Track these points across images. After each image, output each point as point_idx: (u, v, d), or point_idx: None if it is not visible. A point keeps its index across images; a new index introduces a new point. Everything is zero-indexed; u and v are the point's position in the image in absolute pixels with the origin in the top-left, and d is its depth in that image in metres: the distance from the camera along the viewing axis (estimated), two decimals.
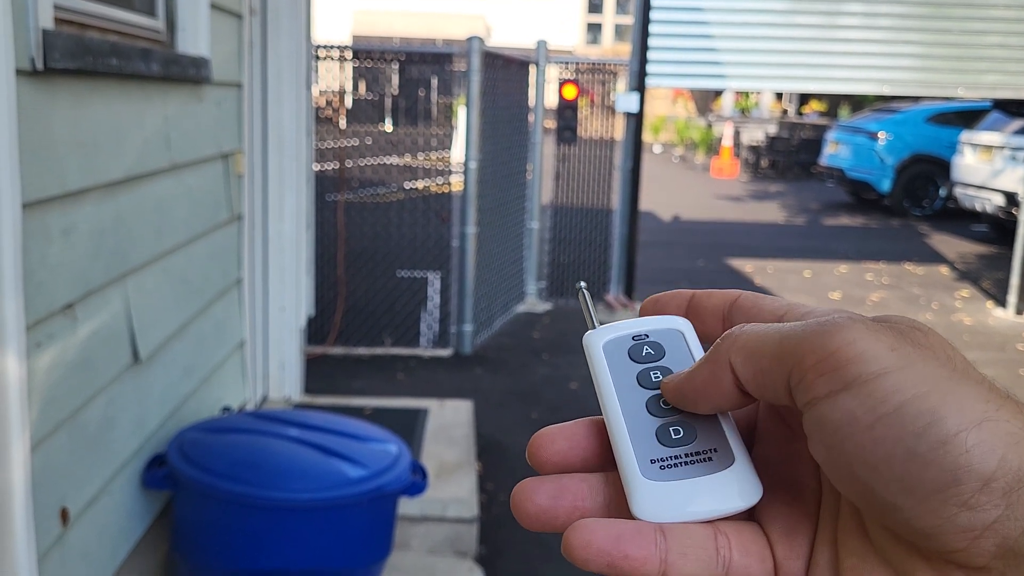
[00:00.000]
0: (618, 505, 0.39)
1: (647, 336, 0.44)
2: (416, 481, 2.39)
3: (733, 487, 0.38)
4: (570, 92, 6.61)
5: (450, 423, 4.11)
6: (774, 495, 0.40)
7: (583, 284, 0.48)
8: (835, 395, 0.34)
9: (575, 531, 0.36)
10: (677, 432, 0.40)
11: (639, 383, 0.42)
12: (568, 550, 0.36)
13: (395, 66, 6.37)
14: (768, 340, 0.36)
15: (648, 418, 0.41)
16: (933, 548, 0.32)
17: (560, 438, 0.41)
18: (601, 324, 0.45)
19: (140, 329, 2.30)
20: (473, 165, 5.57)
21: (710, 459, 0.39)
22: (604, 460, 0.42)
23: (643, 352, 0.43)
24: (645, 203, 7.99)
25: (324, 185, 5.73)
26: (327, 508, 2.18)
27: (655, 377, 0.42)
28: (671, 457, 0.39)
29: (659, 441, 0.40)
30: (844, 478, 0.34)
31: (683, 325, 0.44)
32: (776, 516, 0.39)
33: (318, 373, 4.88)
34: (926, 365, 0.33)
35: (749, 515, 0.39)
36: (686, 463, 0.39)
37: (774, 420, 0.42)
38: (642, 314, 0.45)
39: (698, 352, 0.43)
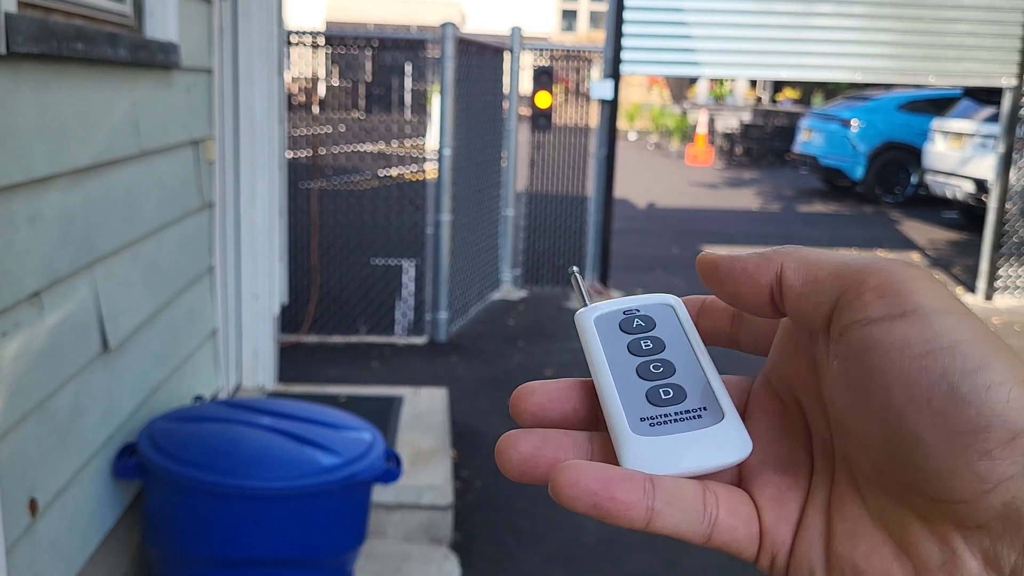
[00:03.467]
0: (602, 461, 0.39)
1: (638, 311, 0.45)
2: (390, 468, 2.38)
3: (723, 442, 0.39)
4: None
5: (425, 411, 4.11)
6: (765, 465, 0.40)
7: (575, 268, 0.49)
8: (891, 319, 0.34)
9: (563, 470, 0.36)
10: (667, 393, 0.41)
11: (629, 351, 0.43)
12: (555, 488, 0.36)
13: (368, 52, 6.32)
14: (830, 259, 0.37)
15: (638, 381, 0.41)
16: (937, 495, 0.33)
17: (541, 391, 0.42)
18: (591, 302, 0.46)
19: (109, 317, 2.27)
20: (447, 152, 5.55)
21: (699, 416, 0.40)
22: (586, 419, 0.42)
23: (634, 324, 0.44)
24: (620, 190, 8.00)
25: (297, 173, 5.69)
26: (300, 496, 2.18)
27: (645, 346, 0.43)
28: (661, 415, 0.40)
29: (649, 401, 0.40)
30: (874, 406, 0.34)
31: (674, 301, 0.45)
32: (766, 484, 0.39)
33: (292, 361, 4.85)
34: (981, 323, 0.34)
35: (739, 483, 0.40)
36: (676, 420, 0.40)
37: (767, 394, 0.42)
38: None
39: (689, 326, 0.44)
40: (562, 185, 6.96)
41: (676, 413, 0.40)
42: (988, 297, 7.11)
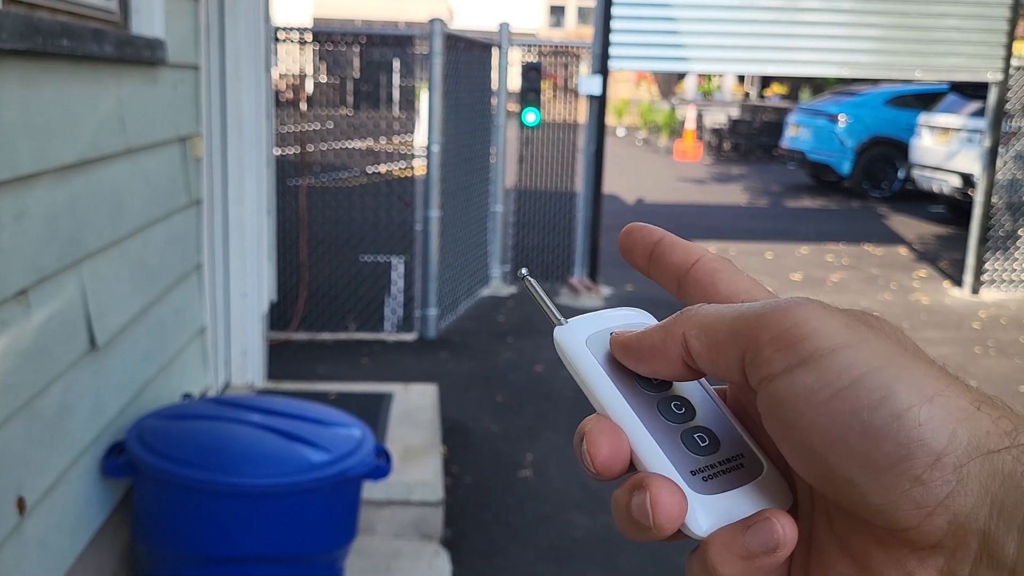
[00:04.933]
0: None
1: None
2: (380, 465, 2.38)
3: (769, 494, 0.38)
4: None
5: (415, 407, 4.11)
6: None
7: (525, 271, 0.44)
8: (791, 370, 0.34)
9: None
10: (703, 440, 0.39)
11: (640, 386, 0.40)
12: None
13: (356, 49, 6.30)
14: (724, 317, 0.37)
15: (667, 424, 0.39)
16: (887, 526, 0.33)
17: (603, 451, 0.38)
18: (563, 317, 0.42)
19: (97, 315, 2.26)
20: (436, 149, 5.55)
21: (742, 465, 0.39)
22: None
23: None
24: (609, 186, 8.01)
25: (285, 170, 5.67)
26: (290, 493, 2.17)
27: (655, 379, 0.40)
28: (708, 466, 0.38)
29: (689, 449, 0.39)
30: (801, 456, 0.35)
31: (650, 319, 0.43)
32: None
33: (281, 359, 4.84)
34: (879, 342, 0.34)
35: None
36: (723, 472, 0.38)
37: (752, 427, 0.42)
38: (620, 242, 0.44)
39: None
40: (551, 181, 6.97)
41: (720, 464, 0.39)
42: (975, 291, 7.15)
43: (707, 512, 0.37)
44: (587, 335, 0.42)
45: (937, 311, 6.73)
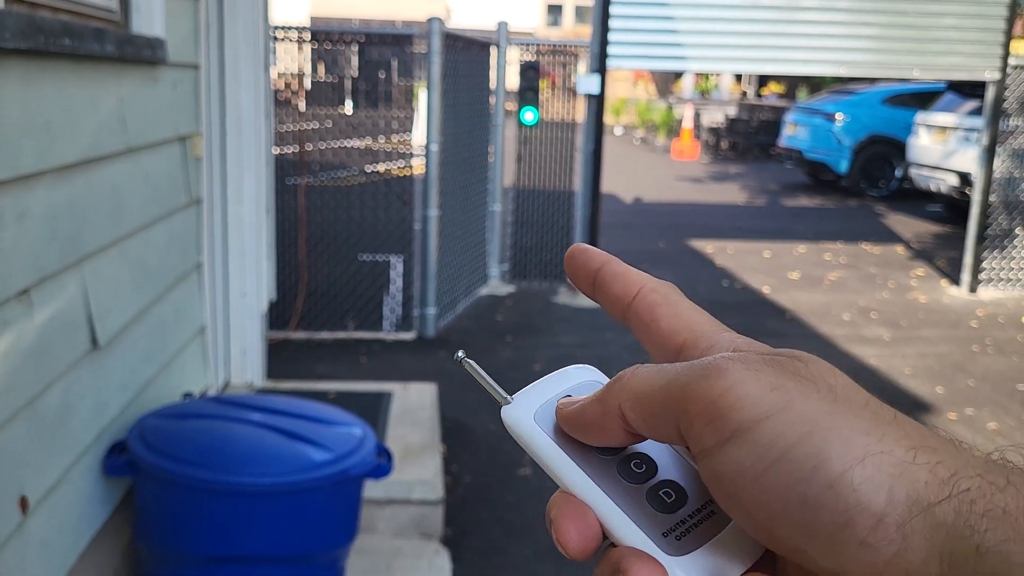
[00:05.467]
0: None
1: (570, 396, 0.41)
2: (381, 464, 2.39)
3: (745, 540, 0.37)
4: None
5: (414, 406, 4.11)
6: None
7: (462, 353, 0.42)
8: (722, 445, 0.34)
9: None
10: (669, 496, 0.38)
11: (597, 452, 0.39)
12: None
13: (355, 48, 6.30)
14: (655, 386, 0.36)
15: (630, 488, 0.38)
16: None
17: (573, 535, 0.37)
18: (509, 395, 0.41)
19: (98, 314, 2.27)
20: (435, 148, 5.55)
21: (713, 512, 0.38)
22: None
23: None
24: (607, 185, 8.01)
25: (284, 169, 5.67)
26: (292, 492, 2.17)
27: None
28: (680, 523, 0.37)
29: (657, 510, 0.38)
30: (749, 525, 0.34)
31: (596, 375, 0.43)
32: None
33: (281, 358, 4.84)
34: (806, 401, 0.34)
35: None
36: (696, 524, 0.38)
37: None
38: (567, 263, 0.43)
39: None
40: (549, 180, 6.97)
41: (691, 516, 0.38)
42: (972, 290, 7.16)
43: (687, 575, 0.36)
44: (534, 409, 0.41)
45: (935, 310, 6.75)
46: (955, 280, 7.52)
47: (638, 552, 0.36)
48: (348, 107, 6.19)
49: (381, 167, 6.32)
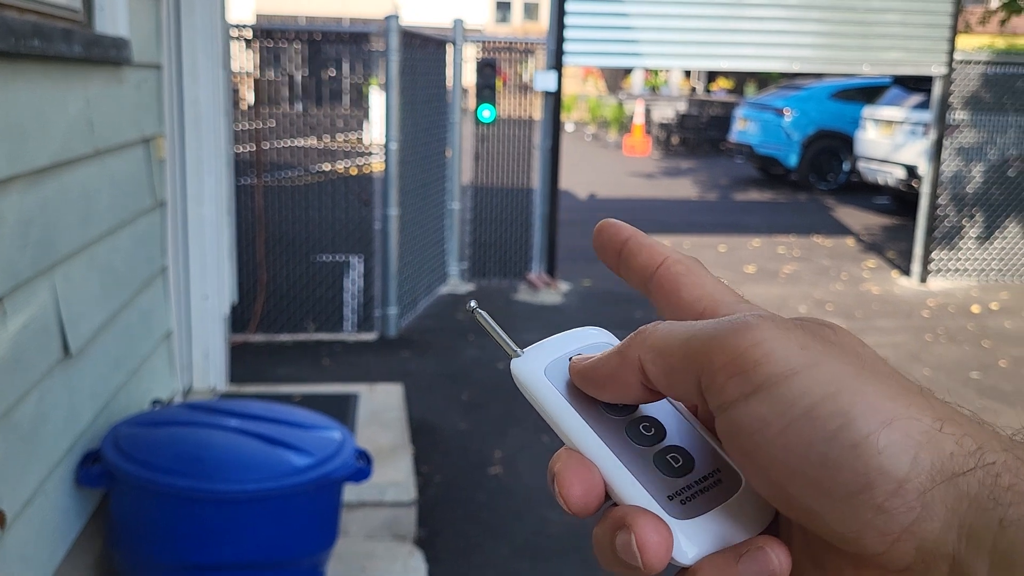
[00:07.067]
0: None
1: (581, 354, 0.41)
2: (361, 467, 2.37)
3: (750, 508, 0.37)
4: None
5: (382, 407, 4.08)
6: None
7: (474, 303, 0.41)
8: (746, 399, 0.33)
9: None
10: (676, 460, 0.38)
11: (606, 411, 0.39)
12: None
13: (308, 46, 6.23)
14: (678, 339, 0.36)
15: (638, 449, 0.38)
16: (854, 551, 0.32)
17: (575, 485, 0.37)
18: (519, 347, 0.41)
19: (69, 321, 2.21)
20: (394, 146, 5.51)
21: (720, 481, 0.38)
22: None
23: None
24: (561, 182, 8.03)
25: (238, 168, 5.59)
26: (275, 498, 2.15)
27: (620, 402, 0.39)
28: (685, 488, 0.37)
29: (664, 473, 0.37)
30: (763, 484, 0.34)
31: (608, 337, 0.42)
32: None
33: (242, 361, 4.78)
34: (835, 363, 0.33)
35: None
36: (702, 491, 0.37)
37: (708, 422, 0.41)
38: (593, 240, 0.43)
39: None
40: (507, 178, 6.97)
41: (697, 483, 0.37)
42: (923, 280, 7.32)
43: (691, 538, 0.36)
44: (545, 364, 0.40)
45: (888, 300, 6.88)
46: (905, 271, 7.68)
47: (642, 510, 0.36)
48: (299, 106, 6.12)
49: (339, 166, 6.26)
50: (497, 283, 6.95)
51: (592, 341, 0.42)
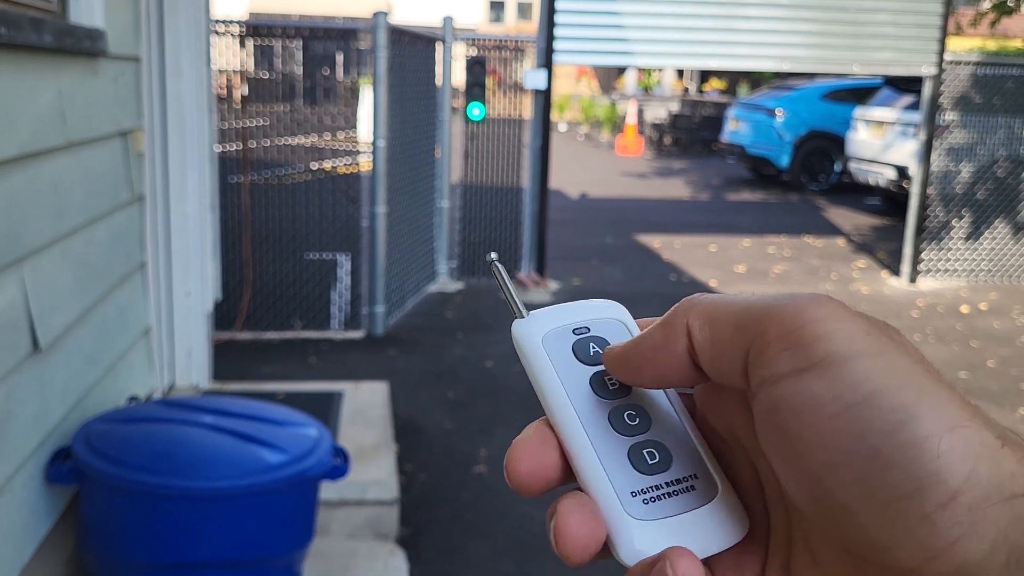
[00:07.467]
0: None
1: (589, 330, 0.39)
2: (338, 465, 2.33)
3: (721, 520, 0.35)
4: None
5: (366, 405, 4.05)
6: None
7: (494, 255, 0.41)
8: (799, 374, 0.30)
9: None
10: (652, 456, 0.36)
11: (595, 391, 0.37)
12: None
13: (298, 43, 6.20)
14: (732, 306, 0.33)
15: (615, 437, 0.36)
16: (884, 564, 0.29)
17: (525, 458, 0.35)
18: (526, 309, 0.39)
19: (39, 315, 2.17)
20: (382, 144, 5.48)
21: (693, 488, 0.35)
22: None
23: (591, 350, 0.38)
24: (552, 181, 8.01)
25: (226, 166, 5.55)
26: (248, 495, 2.11)
27: (611, 384, 0.37)
28: (652, 487, 0.35)
29: (635, 467, 0.35)
30: (795, 473, 0.31)
31: (620, 312, 0.40)
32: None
33: (227, 359, 4.74)
34: (901, 357, 0.31)
35: None
36: (670, 495, 0.35)
37: (706, 431, 0.38)
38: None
39: None
40: (497, 176, 6.94)
41: (668, 484, 0.35)
42: (912, 280, 7.31)
43: (644, 541, 0.33)
44: (546, 331, 0.38)
45: (878, 300, 6.87)
46: (895, 271, 7.67)
47: (577, 503, 0.34)
48: (295, 103, 6.08)
49: (327, 164, 6.23)
50: (486, 282, 6.92)
51: (603, 316, 0.39)
